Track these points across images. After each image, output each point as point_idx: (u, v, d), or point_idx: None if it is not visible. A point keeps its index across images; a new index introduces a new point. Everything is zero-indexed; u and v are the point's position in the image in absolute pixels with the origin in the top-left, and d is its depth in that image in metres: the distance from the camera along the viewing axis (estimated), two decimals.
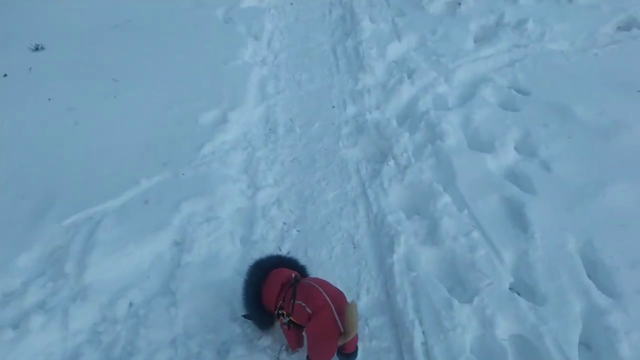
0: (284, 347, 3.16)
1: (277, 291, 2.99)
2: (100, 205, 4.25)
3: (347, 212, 4.37)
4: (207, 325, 3.37)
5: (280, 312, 2.97)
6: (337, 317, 2.73)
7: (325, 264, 3.85)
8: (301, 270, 3.31)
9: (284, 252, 3.97)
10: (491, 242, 3.69)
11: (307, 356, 2.91)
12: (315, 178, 4.84)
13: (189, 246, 3.89)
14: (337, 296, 2.90)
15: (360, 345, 3.15)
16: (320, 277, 3.57)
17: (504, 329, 3.06)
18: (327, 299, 2.81)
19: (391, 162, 4.77)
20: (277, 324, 3.13)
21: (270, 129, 5.68)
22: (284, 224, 4.30)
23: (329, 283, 3.04)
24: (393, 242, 3.83)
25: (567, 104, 5.15)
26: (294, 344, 3.08)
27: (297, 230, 4.22)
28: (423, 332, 3.12)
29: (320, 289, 2.88)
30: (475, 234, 3.76)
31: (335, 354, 2.86)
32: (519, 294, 3.38)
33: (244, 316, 3.22)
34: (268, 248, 3.98)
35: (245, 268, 3.65)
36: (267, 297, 3.03)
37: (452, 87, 6.02)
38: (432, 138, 4.97)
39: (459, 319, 3.11)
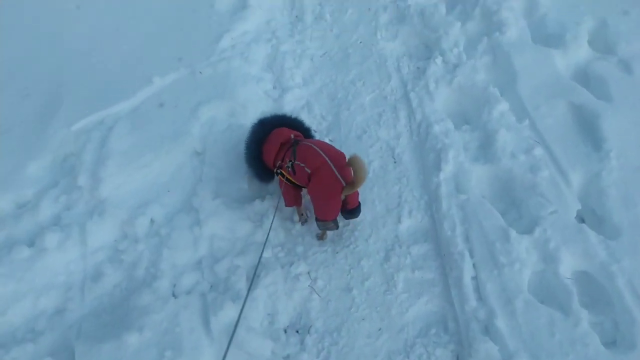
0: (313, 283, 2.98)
1: (275, 150, 3.02)
2: (111, 107, 3.80)
3: (386, 119, 3.84)
4: (235, 247, 3.12)
5: (278, 171, 3.02)
6: (337, 172, 2.72)
7: None
8: (306, 132, 3.27)
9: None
10: (557, 162, 3.19)
11: (316, 218, 2.91)
12: (349, 77, 4.23)
13: (211, 159, 3.49)
14: (336, 154, 2.85)
15: (401, 275, 2.89)
16: (356, 195, 3.23)
17: (568, 266, 2.71)
18: (325, 157, 2.79)
19: (438, 60, 4.09)
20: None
21: (296, 17, 4.91)
22: (315, 131, 3.82)
23: (329, 145, 2.99)
24: (440, 157, 3.36)
25: None
26: (290, 201, 3.10)
27: (330, 140, 3.75)
28: (474, 265, 2.80)
29: (317, 149, 2.85)
30: (538, 151, 3.25)
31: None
32: (584, 221, 2.99)
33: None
34: None
35: (271, 187, 3.37)
36: (266, 155, 3.07)
37: None
38: (488, 29, 4.20)
39: (517, 253, 2.76)
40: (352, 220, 3.21)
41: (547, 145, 3.29)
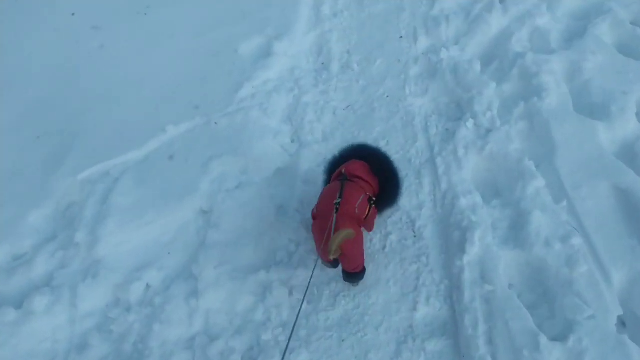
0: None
1: (335, 176, 3.01)
2: (120, 157, 3.67)
3: (408, 185, 3.54)
4: (232, 324, 2.87)
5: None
6: (332, 229, 2.57)
7: (377, 256, 3.15)
8: (388, 186, 3.07)
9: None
10: (597, 255, 2.83)
11: None
12: (372, 135, 3.98)
13: (217, 220, 3.29)
14: (349, 217, 2.69)
15: None
16: (368, 274, 2.97)
17: None
18: (335, 212, 2.66)
19: (469, 123, 3.80)
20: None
21: (322, 64, 4.73)
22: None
23: (353, 204, 2.75)
24: (465, 237, 3.04)
25: None
26: None
27: None
28: None
29: (344, 196, 2.74)
30: (577, 241, 2.89)
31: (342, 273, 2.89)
32: (625, 325, 2.61)
33: None
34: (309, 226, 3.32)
35: (280, 255, 3.13)
36: (334, 174, 3.06)
37: (556, 18, 4.71)
38: (526, 93, 3.90)
39: None
40: (362, 303, 2.92)
41: (586, 233, 2.94)
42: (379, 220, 3.30)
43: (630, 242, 2.87)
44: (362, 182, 2.93)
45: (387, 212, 3.37)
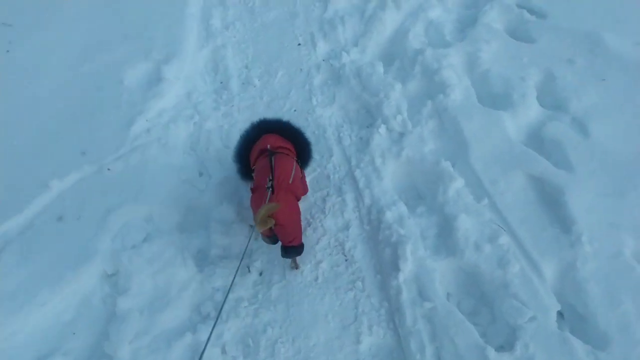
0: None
1: (255, 155, 2.98)
2: None
3: (332, 204, 3.37)
4: None
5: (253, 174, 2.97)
6: (266, 202, 2.59)
7: (310, 289, 2.94)
8: (300, 145, 3.14)
9: None
10: (525, 251, 2.82)
11: None
12: None
13: (125, 283, 2.88)
14: (284, 190, 2.70)
15: None
16: (304, 312, 2.76)
17: None
18: (270, 191, 2.67)
19: (382, 129, 3.69)
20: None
21: (221, 83, 4.41)
22: (251, 226, 3.30)
23: (287, 177, 2.78)
24: (397, 254, 2.91)
25: (594, 31, 4.08)
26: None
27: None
28: None
29: (275, 172, 2.74)
30: (504, 239, 2.87)
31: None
32: (563, 317, 2.63)
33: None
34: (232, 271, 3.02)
35: (205, 309, 2.83)
36: (252, 156, 3.03)
37: (447, 9, 4.78)
38: (431, 90, 3.87)
39: None
40: (302, 347, 2.70)
41: (511, 230, 2.93)
42: (306, 249, 3.08)
43: (553, 230, 2.90)
44: (286, 149, 3.00)
45: (313, 238, 3.18)
